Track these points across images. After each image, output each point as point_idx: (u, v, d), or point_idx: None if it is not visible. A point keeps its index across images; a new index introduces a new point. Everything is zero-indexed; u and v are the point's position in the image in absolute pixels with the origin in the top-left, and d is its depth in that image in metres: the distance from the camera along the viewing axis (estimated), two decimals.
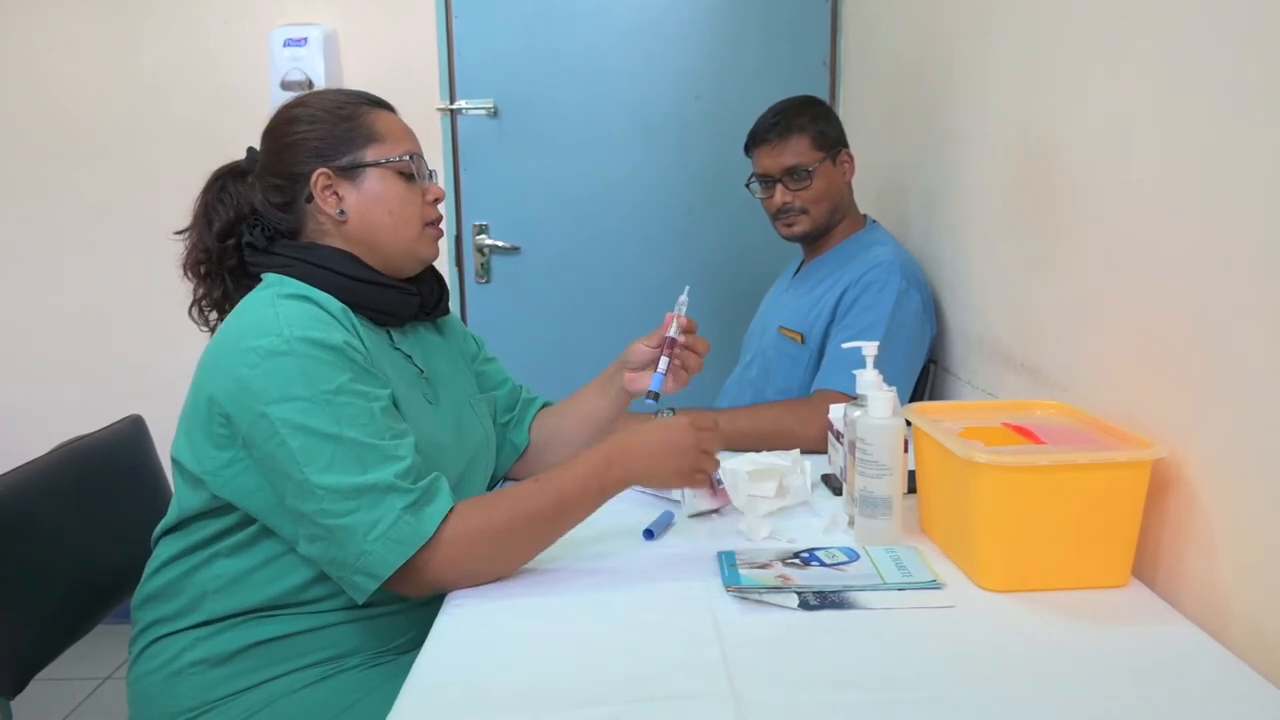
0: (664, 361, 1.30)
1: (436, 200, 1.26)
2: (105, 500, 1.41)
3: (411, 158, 1.22)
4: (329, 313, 1.11)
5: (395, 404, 1.12)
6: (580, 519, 1.13)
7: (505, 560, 1.10)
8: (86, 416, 1.70)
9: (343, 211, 1.18)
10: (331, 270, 1.16)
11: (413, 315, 1.28)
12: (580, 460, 1.12)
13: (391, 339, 1.24)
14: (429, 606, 1.07)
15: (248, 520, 1.12)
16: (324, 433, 1.03)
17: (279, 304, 1.10)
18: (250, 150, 1.26)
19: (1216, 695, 0.83)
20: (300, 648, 1.13)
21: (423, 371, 1.27)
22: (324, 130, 1.19)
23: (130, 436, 1.52)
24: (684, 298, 1.34)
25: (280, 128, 1.21)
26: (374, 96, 1.26)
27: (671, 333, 1.30)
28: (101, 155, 2.71)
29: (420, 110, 2.70)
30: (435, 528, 1.03)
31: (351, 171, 1.19)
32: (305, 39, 2.59)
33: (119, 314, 2.77)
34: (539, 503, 1.09)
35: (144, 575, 1.19)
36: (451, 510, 1.06)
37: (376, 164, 1.19)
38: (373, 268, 1.20)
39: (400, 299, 1.23)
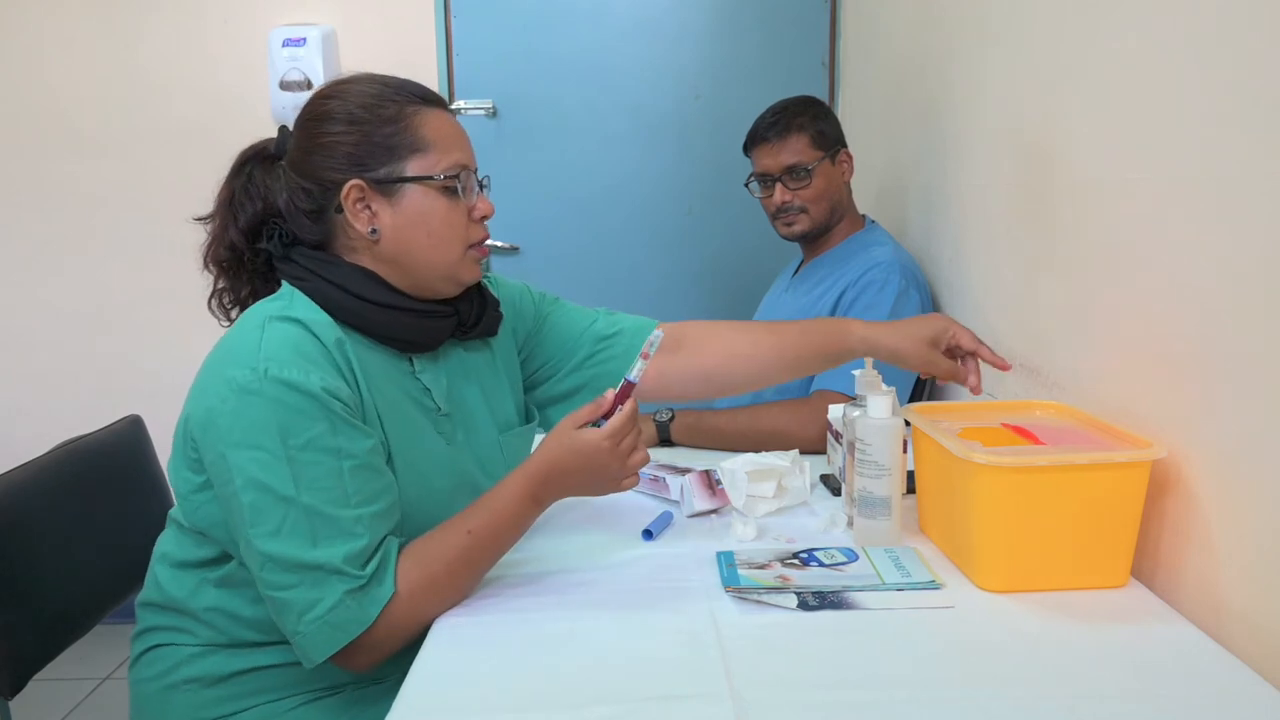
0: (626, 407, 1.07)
1: (484, 218, 1.12)
2: (105, 500, 1.41)
3: (460, 173, 1.08)
4: (321, 343, 1.02)
5: (389, 448, 1.06)
6: (513, 545, 1.08)
7: (445, 608, 1.03)
8: (86, 416, 1.70)
9: (375, 230, 1.06)
10: (348, 292, 1.06)
11: (443, 340, 1.15)
12: (506, 497, 1.05)
13: (414, 366, 1.13)
14: (420, 641, 1.01)
15: (227, 556, 1.08)
16: (279, 493, 0.96)
17: (268, 328, 1.01)
18: (282, 130, 1.13)
19: (1216, 695, 0.83)
20: (293, 677, 1.09)
21: (440, 408, 1.15)
22: (362, 134, 1.05)
23: (129, 437, 1.52)
24: (655, 339, 1.10)
25: (313, 123, 1.08)
26: (424, 90, 1.11)
27: (633, 376, 1.07)
28: (101, 155, 2.71)
29: None
30: (377, 613, 0.97)
31: (389, 186, 1.06)
32: (304, 39, 2.59)
33: (118, 314, 2.77)
34: (477, 550, 1.04)
35: (148, 570, 1.17)
36: (393, 595, 0.98)
37: (418, 179, 1.06)
38: (401, 290, 1.09)
39: (426, 324, 1.12)
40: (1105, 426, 1.10)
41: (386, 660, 1.02)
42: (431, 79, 2.69)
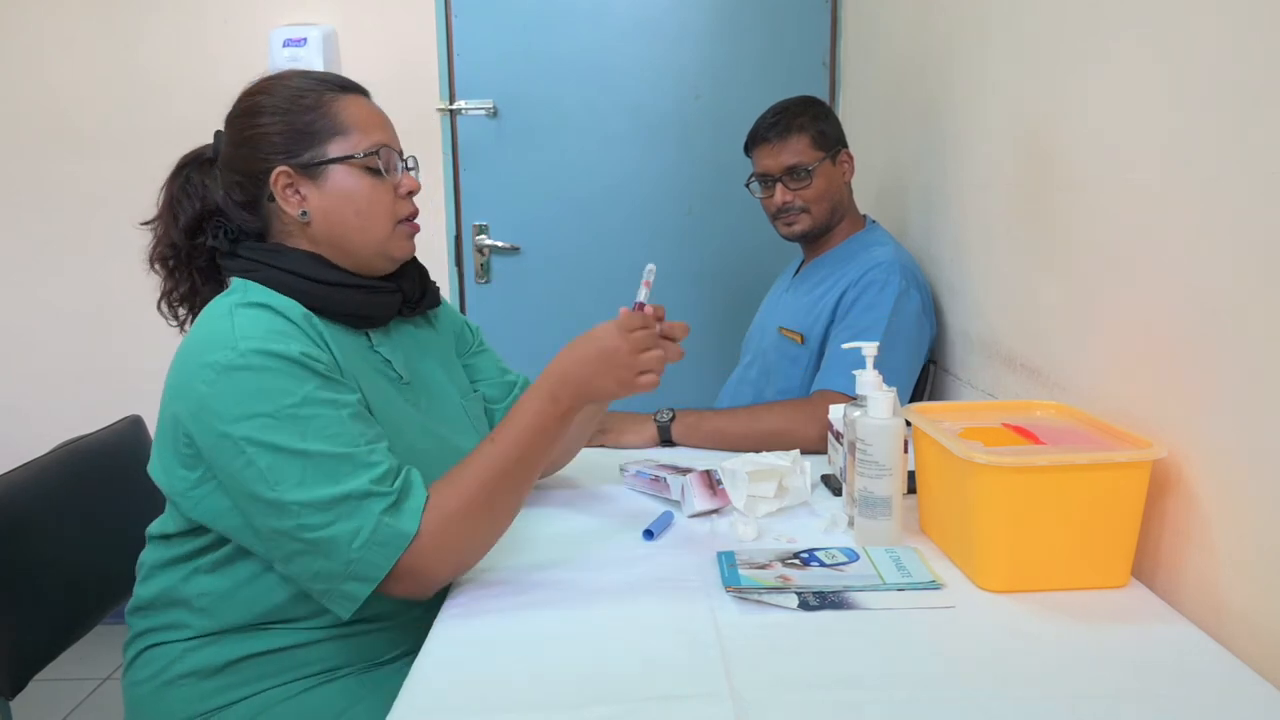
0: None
1: (410, 193, 1.17)
2: (104, 501, 1.41)
3: (380, 151, 1.13)
4: (289, 319, 1.06)
5: (368, 409, 1.09)
6: (546, 459, 1.10)
7: (491, 530, 1.08)
8: (86, 417, 1.70)
9: (305, 213, 1.12)
10: (299, 275, 1.11)
11: (394, 314, 1.22)
12: (526, 404, 1.08)
13: (371, 341, 1.19)
14: (419, 620, 1.04)
15: (224, 539, 1.09)
16: (292, 449, 0.99)
17: (236, 314, 1.05)
18: (217, 135, 1.18)
19: (1216, 695, 0.83)
20: (291, 662, 1.11)
21: (402, 377, 1.21)
22: (284, 124, 1.11)
23: (129, 437, 1.52)
24: (649, 270, 1.17)
25: (240, 119, 1.14)
26: (343, 80, 1.17)
27: (641, 298, 1.13)
28: (101, 155, 2.71)
29: (420, 110, 2.70)
30: (417, 524, 1.00)
31: (313, 169, 1.11)
32: (305, 39, 2.59)
33: (118, 314, 2.77)
34: (505, 461, 1.06)
35: (136, 581, 1.17)
36: (427, 500, 1.03)
37: (340, 160, 1.11)
38: (343, 269, 1.14)
39: (376, 300, 1.17)
40: (1105, 426, 1.10)
41: (425, 601, 1.05)
42: (432, 79, 2.69)
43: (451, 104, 2.71)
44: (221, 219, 1.15)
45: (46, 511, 1.30)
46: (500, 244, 2.78)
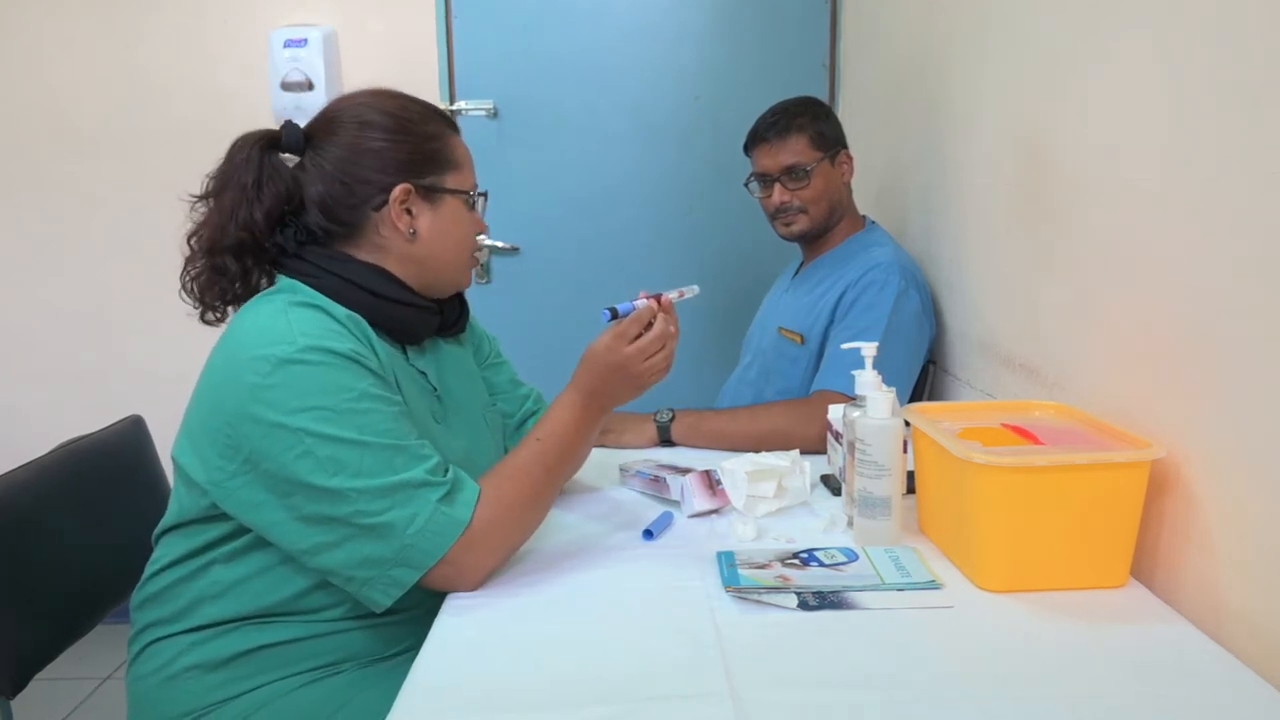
0: (642, 301, 1.18)
1: (481, 233, 1.27)
2: (105, 500, 1.41)
3: (481, 193, 1.24)
4: (338, 321, 1.10)
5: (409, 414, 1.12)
6: (579, 458, 1.19)
7: (534, 522, 1.15)
8: (86, 416, 1.70)
9: (414, 231, 1.17)
10: (360, 287, 1.14)
11: (430, 334, 1.27)
12: (561, 409, 1.16)
13: (406, 355, 1.23)
14: (422, 618, 1.05)
15: (245, 528, 1.10)
16: (350, 440, 1.02)
17: (291, 311, 1.08)
18: (291, 125, 1.18)
19: (1214, 695, 0.84)
20: (296, 654, 1.12)
21: (436, 389, 1.25)
22: (413, 145, 1.17)
23: (130, 436, 1.52)
24: (691, 291, 1.29)
25: (360, 127, 1.16)
26: (448, 115, 1.25)
27: (670, 294, 1.21)
28: (101, 155, 2.71)
29: None
30: (470, 514, 1.05)
31: (431, 194, 1.18)
32: (305, 40, 2.59)
33: (119, 314, 2.77)
34: (549, 458, 1.14)
35: (143, 576, 1.18)
36: (480, 493, 1.08)
37: (455, 192, 1.20)
38: (405, 285, 1.18)
39: (421, 318, 1.22)
40: (1105, 426, 1.10)
41: (479, 577, 1.08)
42: (431, 79, 2.69)
43: (452, 105, 2.71)
44: (296, 217, 1.16)
45: (47, 511, 1.30)
46: (500, 244, 2.78)
